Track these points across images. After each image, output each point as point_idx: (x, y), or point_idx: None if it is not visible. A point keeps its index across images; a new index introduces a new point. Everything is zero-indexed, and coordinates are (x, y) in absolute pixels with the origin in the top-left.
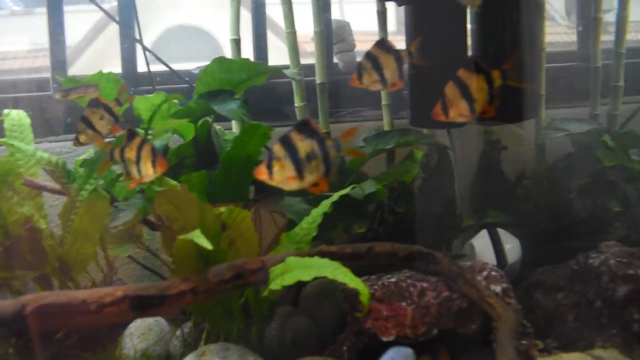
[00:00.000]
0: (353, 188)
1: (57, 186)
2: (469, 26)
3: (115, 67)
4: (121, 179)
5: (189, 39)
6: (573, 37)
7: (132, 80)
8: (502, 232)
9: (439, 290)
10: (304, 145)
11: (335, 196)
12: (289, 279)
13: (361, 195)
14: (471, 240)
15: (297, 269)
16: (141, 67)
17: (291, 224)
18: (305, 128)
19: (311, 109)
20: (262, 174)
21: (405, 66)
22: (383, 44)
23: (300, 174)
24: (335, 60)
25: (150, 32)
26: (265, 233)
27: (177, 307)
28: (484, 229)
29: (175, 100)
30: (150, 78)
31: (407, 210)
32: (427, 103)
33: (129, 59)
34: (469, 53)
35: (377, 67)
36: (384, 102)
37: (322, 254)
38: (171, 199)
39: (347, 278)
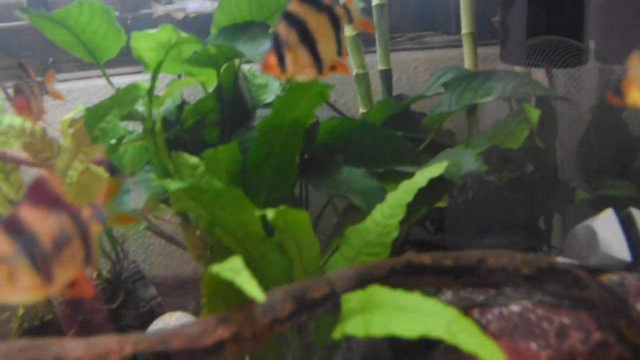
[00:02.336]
0: (445, 166)
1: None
2: None
3: None
4: (126, 140)
5: None
6: None
7: None
8: (637, 213)
9: (587, 328)
10: (314, 19)
11: (423, 179)
12: (378, 328)
13: (457, 176)
14: (590, 222)
15: (386, 311)
16: None
17: (352, 209)
18: None
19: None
20: (271, 68)
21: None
22: None
23: (317, 59)
24: None
25: None
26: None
27: None
28: (609, 209)
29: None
30: None
31: (499, 177)
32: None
33: None
34: None
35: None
36: (464, 30)
37: (411, 268)
38: (194, 195)
39: (474, 343)
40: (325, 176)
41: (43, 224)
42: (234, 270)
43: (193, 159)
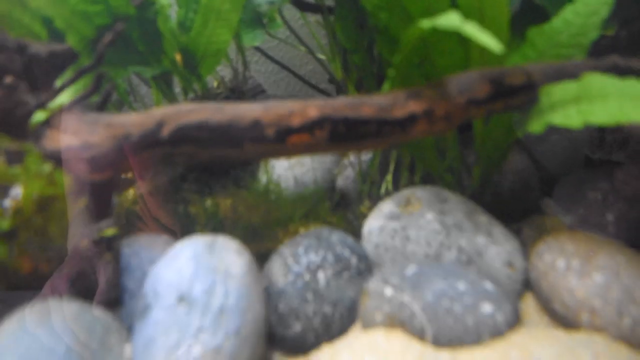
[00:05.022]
0: None
1: None
2: None
3: None
4: None
5: None
6: None
7: None
8: None
9: None
10: None
11: None
12: (601, 115)
13: None
14: None
15: (615, 99)
16: None
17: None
18: None
19: None
20: None
21: None
22: None
23: None
24: None
25: None
26: None
27: (401, 138)
28: None
29: None
30: None
31: None
32: None
33: None
34: None
35: None
36: None
37: (616, 71)
38: None
39: None
40: None
41: None
42: (454, 23)
43: None
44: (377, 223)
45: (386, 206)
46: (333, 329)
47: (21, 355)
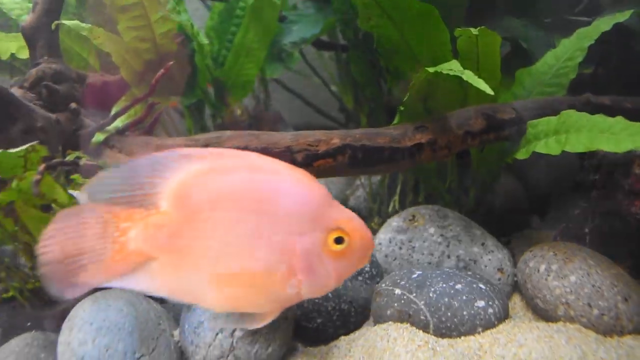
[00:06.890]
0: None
1: None
2: None
3: None
4: None
5: None
6: None
7: None
8: None
9: None
10: None
11: (606, 24)
12: (576, 145)
13: None
14: None
15: (587, 131)
16: None
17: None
18: None
19: None
20: None
21: None
22: None
23: None
24: None
25: None
26: None
27: (409, 164)
28: None
29: None
30: None
31: None
32: None
33: None
34: None
35: None
36: None
37: (589, 106)
38: (390, 12)
39: None
40: (486, 22)
41: None
42: (455, 69)
43: None
44: (386, 236)
45: (394, 221)
46: (349, 322)
47: (98, 327)
